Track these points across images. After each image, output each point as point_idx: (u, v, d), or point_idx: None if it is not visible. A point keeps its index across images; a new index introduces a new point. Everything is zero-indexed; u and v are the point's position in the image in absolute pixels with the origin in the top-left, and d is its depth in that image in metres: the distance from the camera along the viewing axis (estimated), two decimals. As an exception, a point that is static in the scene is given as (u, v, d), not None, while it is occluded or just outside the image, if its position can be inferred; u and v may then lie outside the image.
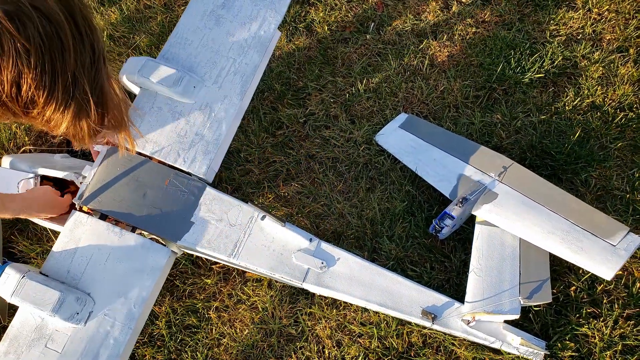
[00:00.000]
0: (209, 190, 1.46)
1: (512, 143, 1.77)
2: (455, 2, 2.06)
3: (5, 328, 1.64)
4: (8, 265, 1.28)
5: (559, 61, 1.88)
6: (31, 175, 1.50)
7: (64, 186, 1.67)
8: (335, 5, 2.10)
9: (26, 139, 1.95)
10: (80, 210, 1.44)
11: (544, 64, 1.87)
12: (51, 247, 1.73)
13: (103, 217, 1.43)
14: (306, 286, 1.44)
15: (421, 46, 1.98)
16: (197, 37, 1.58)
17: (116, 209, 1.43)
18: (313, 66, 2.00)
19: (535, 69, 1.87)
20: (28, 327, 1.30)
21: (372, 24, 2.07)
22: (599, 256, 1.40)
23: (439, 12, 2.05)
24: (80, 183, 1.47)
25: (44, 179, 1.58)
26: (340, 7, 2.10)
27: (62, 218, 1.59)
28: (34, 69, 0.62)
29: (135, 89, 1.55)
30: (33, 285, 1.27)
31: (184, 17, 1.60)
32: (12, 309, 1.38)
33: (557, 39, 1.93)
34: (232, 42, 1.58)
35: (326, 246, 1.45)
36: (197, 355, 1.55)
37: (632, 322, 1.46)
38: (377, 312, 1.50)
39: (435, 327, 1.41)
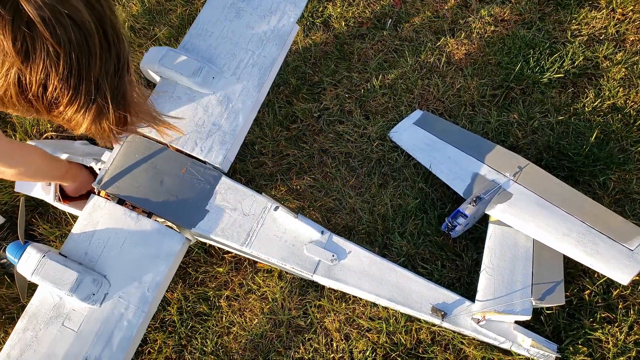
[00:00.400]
0: (225, 180, 1.48)
1: (529, 143, 1.75)
2: (473, 0, 2.04)
3: (24, 308, 1.69)
4: (29, 245, 1.32)
5: (580, 61, 1.85)
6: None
7: None
8: (353, 1, 2.10)
9: (48, 125, 2.00)
10: (99, 194, 1.47)
11: (564, 64, 1.85)
12: (69, 231, 1.77)
13: (121, 202, 1.46)
14: (316, 278, 1.45)
15: (438, 43, 1.97)
16: (217, 28, 1.60)
17: (133, 195, 1.46)
18: (329, 61, 2.00)
19: (554, 69, 1.84)
20: (46, 305, 1.34)
21: (390, 20, 2.06)
22: (616, 260, 1.37)
23: (458, 9, 2.03)
24: (99, 169, 1.50)
25: None
26: (357, 3, 2.10)
27: (81, 203, 1.63)
28: (62, 72, 0.66)
29: (156, 78, 1.58)
30: (53, 265, 1.30)
31: (205, 8, 1.62)
32: (31, 290, 1.41)
33: (578, 39, 1.90)
34: (252, 35, 1.59)
35: (338, 239, 1.45)
36: (206, 342, 1.57)
37: (647, 328, 1.44)
38: (386, 308, 1.50)
39: (444, 324, 1.40)
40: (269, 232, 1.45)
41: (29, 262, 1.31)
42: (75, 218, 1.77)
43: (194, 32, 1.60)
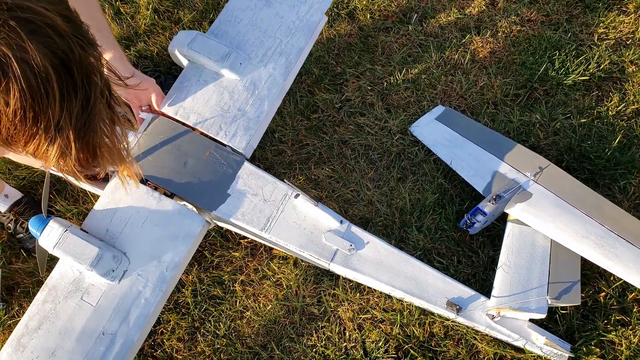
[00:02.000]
0: (247, 165, 1.48)
1: (550, 144, 1.75)
2: (501, -1, 2.03)
3: (39, 282, 1.71)
4: (52, 219, 1.33)
5: (606, 65, 1.84)
6: None
7: None
8: (380, -6, 2.10)
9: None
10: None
11: (590, 66, 1.84)
12: (87, 209, 1.79)
13: (143, 181, 1.47)
14: (333, 267, 1.45)
15: (463, 40, 1.96)
16: (247, 15, 1.60)
17: (157, 175, 1.47)
18: (352, 53, 2.00)
19: (580, 72, 1.83)
20: (67, 279, 1.35)
21: (415, 15, 2.05)
22: (634, 264, 1.37)
23: (484, 7, 2.02)
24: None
25: None
26: (384, -5, 2.09)
27: (102, 182, 1.64)
28: (13, 116, 0.64)
29: (184, 62, 1.58)
30: (74, 239, 1.31)
31: None
32: (49, 265, 1.43)
33: (605, 42, 1.89)
34: (280, 24, 1.60)
35: (356, 229, 1.46)
36: (219, 325, 1.58)
37: (661, 334, 1.44)
38: (400, 300, 1.50)
39: (459, 319, 1.41)
40: (288, 219, 1.46)
41: (51, 235, 1.32)
42: (95, 197, 1.78)
43: (223, 18, 1.61)
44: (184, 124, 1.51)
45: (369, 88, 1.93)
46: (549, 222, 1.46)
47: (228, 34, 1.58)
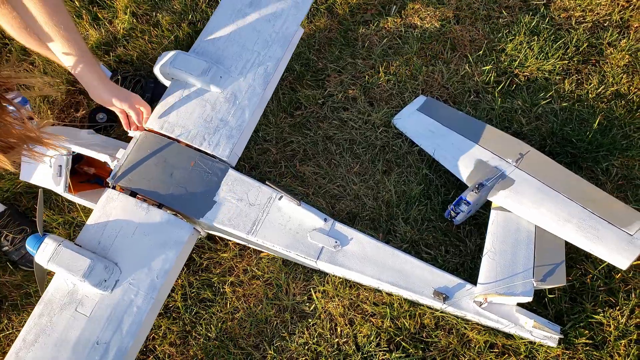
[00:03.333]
0: (231, 172, 1.52)
1: (533, 130, 1.75)
2: (479, -14, 2.02)
3: (27, 295, 1.70)
4: (47, 236, 1.37)
5: (584, 48, 1.84)
6: (64, 152, 1.56)
7: (79, 159, 1.72)
8: (357, -13, 2.09)
9: (49, 112, 1.99)
10: (113, 188, 1.51)
11: (568, 50, 1.84)
12: (73, 217, 1.78)
13: (133, 194, 1.50)
14: (320, 265, 1.46)
15: (443, 30, 1.96)
16: (226, 32, 1.69)
17: (145, 187, 1.50)
18: (333, 48, 1.99)
19: (559, 56, 1.83)
20: (61, 291, 1.38)
21: (394, 6, 2.05)
22: (615, 245, 1.38)
23: (463, -5, 2.02)
24: (114, 164, 1.54)
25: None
26: (362, -11, 2.08)
27: (89, 194, 1.66)
28: None
29: (168, 80, 1.64)
30: (67, 252, 1.34)
31: (214, 15, 1.72)
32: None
33: (582, 26, 1.89)
34: (258, 37, 1.68)
35: (340, 226, 1.47)
36: (211, 328, 1.58)
37: (648, 312, 1.45)
38: (389, 293, 1.51)
39: (448, 309, 1.42)
40: (273, 221, 1.47)
41: (46, 250, 1.35)
42: (84, 209, 1.78)
43: (204, 37, 1.70)
44: (169, 137, 1.55)
45: (351, 82, 1.92)
46: (531, 207, 1.47)
47: (209, 51, 1.66)
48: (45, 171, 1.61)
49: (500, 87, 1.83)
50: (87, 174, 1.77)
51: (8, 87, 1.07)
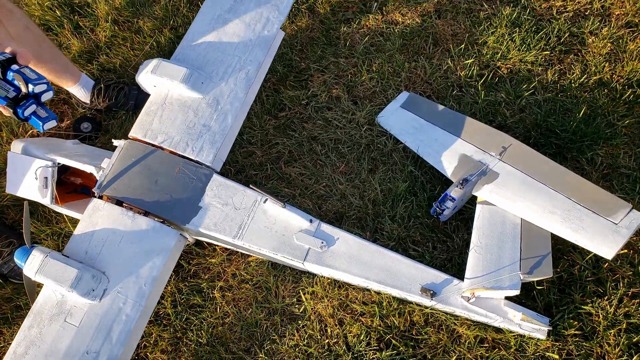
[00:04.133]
0: (216, 177, 1.52)
1: (517, 122, 1.75)
2: (459, -20, 2.02)
3: (18, 308, 1.70)
4: (35, 248, 1.37)
5: (566, 38, 1.84)
6: (50, 163, 1.56)
7: (65, 170, 1.72)
8: (338, -14, 2.08)
9: (34, 124, 1.98)
10: (100, 198, 1.50)
11: (550, 41, 1.84)
12: (61, 228, 1.78)
13: (119, 203, 1.50)
14: (307, 266, 1.46)
15: (425, 25, 1.95)
16: (206, 39, 1.70)
17: (130, 195, 1.50)
18: (315, 47, 1.99)
19: (541, 47, 1.83)
20: (50, 303, 1.38)
21: (375, 3, 2.04)
22: (600, 235, 1.38)
23: (443, -10, 2.01)
24: (99, 174, 1.53)
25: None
26: (342, -13, 2.07)
27: (76, 204, 1.66)
28: None
29: (151, 88, 1.63)
30: (54, 263, 1.35)
31: (194, 23, 1.72)
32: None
33: (564, 15, 1.89)
34: (238, 42, 1.68)
35: (326, 227, 1.47)
36: (201, 333, 1.58)
37: (638, 300, 1.45)
38: (378, 292, 1.51)
39: (437, 305, 1.42)
40: (259, 224, 1.47)
41: (33, 263, 1.36)
42: (72, 220, 1.77)
43: (184, 44, 1.70)
44: (152, 144, 1.54)
45: (334, 82, 1.92)
46: (516, 200, 1.46)
47: (190, 58, 1.67)
48: (31, 183, 1.61)
49: (482, 80, 1.83)
50: (74, 184, 1.76)
51: None
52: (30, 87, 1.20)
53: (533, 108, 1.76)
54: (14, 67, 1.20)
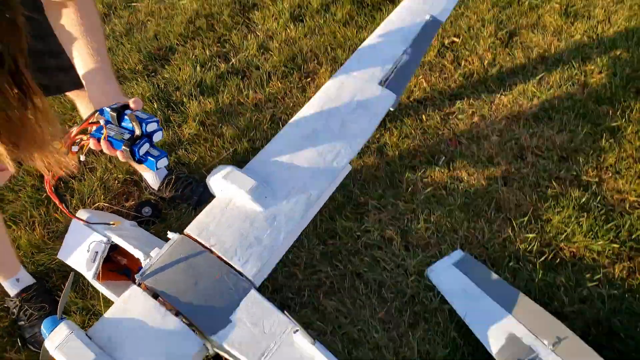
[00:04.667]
0: (253, 293, 1.49)
1: (575, 312, 1.63)
2: (529, 153, 2.07)
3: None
4: (63, 321, 1.36)
5: (638, 235, 1.77)
6: (105, 239, 1.62)
7: (114, 247, 1.77)
8: (410, 134, 2.20)
9: (102, 196, 2.12)
10: (139, 285, 1.52)
11: (620, 235, 1.77)
12: (92, 304, 1.78)
13: (155, 295, 1.49)
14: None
15: (490, 189, 1.97)
16: (279, 158, 1.79)
17: (167, 291, 1.49)
18: (377, 185, 2.04)
19: (609, 238, 1.77)
20: None
21: (443, 157, 2.11)
22: None
23: (512, 159, 2.06)
24: (146, 262, 1.56)
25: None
26: (414, 136, 2.19)
27: (116, 285, 1.68)
28: None
29: (218, 192, 1.73)
30: (75, 343, 1.31)
31: (273, 141, 1.83)
32: None
33: (637, 211, 1.84)
34: (307, 167, 1.76)
35: (352, 380, 1.36)
36: None
37: None
38: None
39: None
40: (283, 355, 1.39)
41: (57, 337, 1.33)
42: (104, 299, 1.78)
43: (259, 158, 1.79)
44: (203, 245, 1.58)
45: (390, 222, 1.93)
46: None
47: (260, 171, 1.76)
48: (81, 254, 1.66)
49: (542, 258, 1.76)
50: (118, 264, 1.80)
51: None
52: (144, 126, 1.24)
53: (596, 301, 1.64)
54: (128, 111, 1.25)
